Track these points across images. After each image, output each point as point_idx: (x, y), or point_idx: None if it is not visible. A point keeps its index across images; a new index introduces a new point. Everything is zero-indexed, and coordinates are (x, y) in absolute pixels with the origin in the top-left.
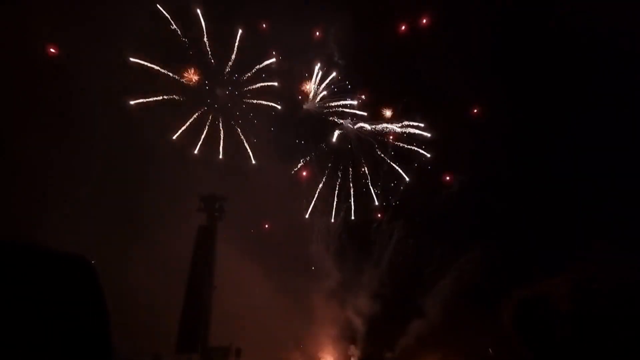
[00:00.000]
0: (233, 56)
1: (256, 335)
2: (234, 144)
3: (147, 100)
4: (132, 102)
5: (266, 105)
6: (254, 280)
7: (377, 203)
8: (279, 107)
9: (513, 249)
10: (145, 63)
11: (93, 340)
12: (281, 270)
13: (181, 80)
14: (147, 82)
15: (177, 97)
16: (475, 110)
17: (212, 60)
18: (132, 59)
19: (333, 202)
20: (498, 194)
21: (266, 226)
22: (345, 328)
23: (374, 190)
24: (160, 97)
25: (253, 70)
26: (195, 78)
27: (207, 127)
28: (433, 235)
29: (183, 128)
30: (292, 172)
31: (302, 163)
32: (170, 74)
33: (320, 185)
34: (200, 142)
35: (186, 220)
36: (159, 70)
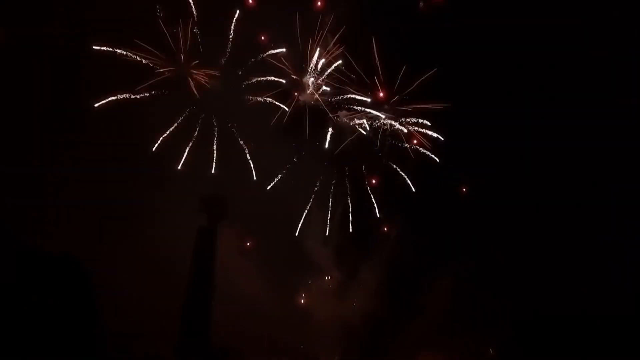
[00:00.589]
0: (228, 49)
1: (257, 336)
2: (229, 153)
3: (117, 98)
4: (96, 105)
5: (269, 104)
6: (254, 281)
7: (378, 215)
8: (287, 108)
9: (513, 250)
10: (123, 52)
11: (83, 337)
12: (282, 270)
13: (164, 72)
14: (123, 75)
15: (160, 92)
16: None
17: (201, 49)
18: (96, 46)
19: (327, 213)
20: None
21: (248, 244)
22: (346, 327)
23: (374, 199)
24: (138, 96)
25: (250, 62)
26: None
27: (197, 131)
28: (433, 233)
29: (165, 134)
30: (268, 188)
31: (279, 176)
32: (148, 63)
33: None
34: (185, 154)
35: (186, 220)
36: (136, 59)
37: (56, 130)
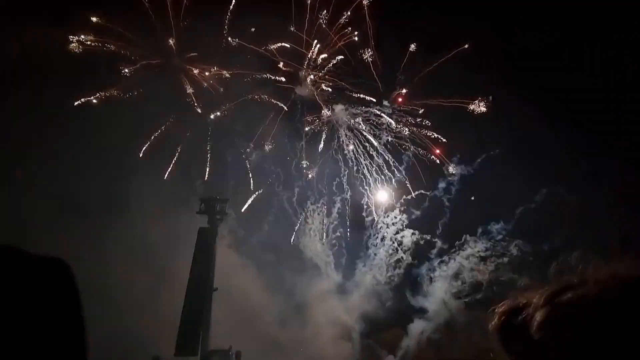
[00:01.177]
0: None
1: (256, 338)
2: (224, 156)
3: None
4: (76, 103)
5: (265, 102)
6: (253, 282)
7: (376, 219)
8: (284, 107)
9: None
10: (107, 43)
11: (68, 344)
12: (281, 272)
13: (154, 64)
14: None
15: (150, 88)
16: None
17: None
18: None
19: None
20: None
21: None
22: (345, 329)
23: (372, 203)
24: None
25: (247, 57)
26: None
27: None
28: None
29: (156, 133)
30: (243, 208)
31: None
32: (136, 57)
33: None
34: (173, 162)
35: (187, 222)
36: (121, 51)
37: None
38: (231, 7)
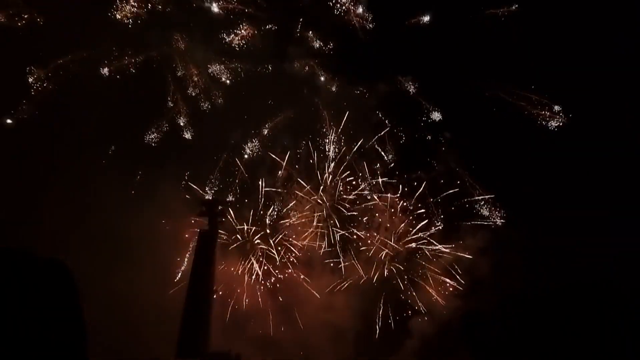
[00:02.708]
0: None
1: (256, 341)
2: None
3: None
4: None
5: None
6: (254, 285)
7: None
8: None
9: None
10: None
11: (67, 340)
12: (280, 274)
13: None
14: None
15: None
16: None
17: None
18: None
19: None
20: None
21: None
22: (345, 331)
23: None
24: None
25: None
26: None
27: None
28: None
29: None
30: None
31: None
32: None
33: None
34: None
35: (188, 224)
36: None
37: None
38: None
